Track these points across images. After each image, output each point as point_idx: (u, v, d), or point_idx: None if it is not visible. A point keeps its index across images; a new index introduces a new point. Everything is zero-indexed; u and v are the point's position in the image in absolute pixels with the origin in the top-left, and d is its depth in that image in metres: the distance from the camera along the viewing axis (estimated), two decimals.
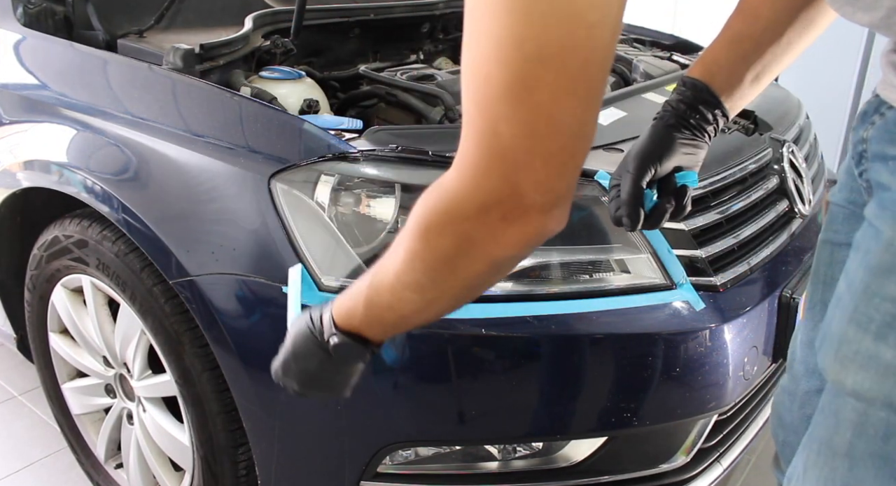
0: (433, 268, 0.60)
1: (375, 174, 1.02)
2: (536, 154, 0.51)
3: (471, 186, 0.54)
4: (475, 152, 0.53)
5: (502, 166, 0.52)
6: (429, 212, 0.58)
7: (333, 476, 1.08)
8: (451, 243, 0.57)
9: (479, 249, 0.57)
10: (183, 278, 1.07)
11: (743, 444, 1.24)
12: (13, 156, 1.34)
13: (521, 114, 0.50)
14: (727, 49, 0.85)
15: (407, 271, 0.62)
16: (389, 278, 0.65)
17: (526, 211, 0.54)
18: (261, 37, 1.47)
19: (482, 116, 0.51)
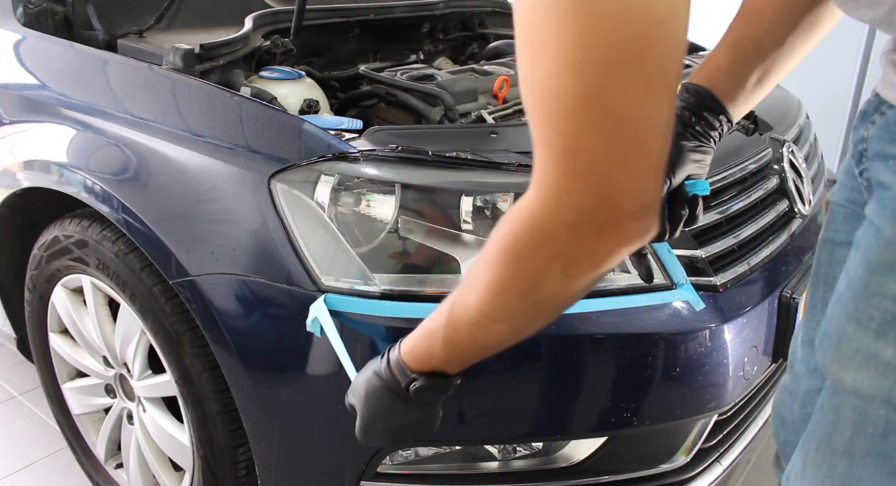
0: (523, 295, 0.59)
1: (375, 174, 1.02)
2: (623, 161, 0.50)
3: (557, 205, 0.52)
4: (557, 171, 0.51)
5: (590, 180, 0.50)
6: (513, 239, 0.56)
7: (333, 476, 1.08)
8: (541, 266, 0.56)
9: (573, 267, 0.55)
10: (183, 278, 1.07)
11: (743, 444, 1.24)
12: (13, 156, 1.34)
13: (602, 122, 0.48)
14: (729, 54, 0.84)
15: (493, 303, 0.61)
16: (470, 313, 0.63)
17: (619, 221, 0.52)
18: (261, 37, 1.47)
19: (560, 133, 0.49)
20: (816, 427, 0.71)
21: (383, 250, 1.01)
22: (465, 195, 1.02)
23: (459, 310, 0.65)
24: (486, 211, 1.03)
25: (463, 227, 1.02)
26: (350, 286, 0.99)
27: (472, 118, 1.36)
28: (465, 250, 1.02)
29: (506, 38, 1.92)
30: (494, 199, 1.03)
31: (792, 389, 1.00)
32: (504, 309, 0.61)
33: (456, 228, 1.02)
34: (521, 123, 1.29)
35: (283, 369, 1.05)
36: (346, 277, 1.00)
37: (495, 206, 1.04)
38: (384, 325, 0.98)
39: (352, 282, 0.99)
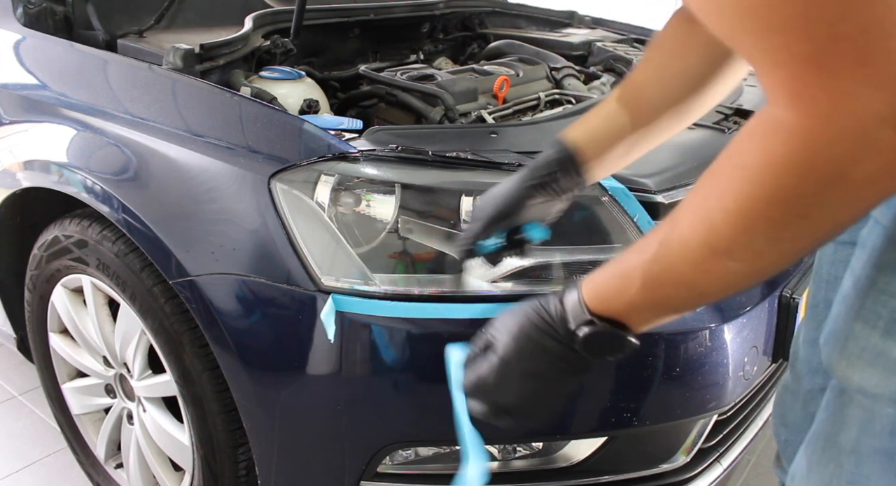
0: (783, 229, 0.49)
1: (375, 174, 1.02)
2: None
3: (840, 116, 0.43)
4: (819, 76, 0.42)
5: (872, 69, 0.41)
6: (782, 164, 0.46)
7: (333, 476, 1.08)
8: (817, 195, 0.46)
9: (862, 190, 0.45)
10: (183, 278, 1.07)
11: (743, 444, 1.24)
12: (13, 156, 1.34)
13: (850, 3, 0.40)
14: (605, 121, 0.83)
15: (737, 239, 0.50)
16: (694, 251, 0.53)
17: None
18: (261, 37, 1.47)
19: (803, 36, 0.41)
20: (822, 426, 0.71)
21: (383, 250, 1.01)
22: (465, 195, 1.02)
23: (676, 245, 0.55)
24: None
25: (463, 227, 1.02)
26: (350, 286, 0.99)
27: (472, 118, 1.36)
28: None
29: (506, 38, 1.92)
30: None
31: (793, 388, 1.00)
32: (748, 246, 0.51)
33: (456, 229, 1.02)
34: (521, 123, 1.29)
35: (283, 369, 1.05)
36: (346, 277, 1.00)
37: None
38: (386, 326, 0.98)
39: (352, 282, 0.99)
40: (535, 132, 1.19)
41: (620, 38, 1.98)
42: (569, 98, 1.53)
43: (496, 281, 1.01)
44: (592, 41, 1.88)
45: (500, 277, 1.01)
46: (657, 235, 0.58)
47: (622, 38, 1.98)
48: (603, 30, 2.13)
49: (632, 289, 0.59)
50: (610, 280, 0.62)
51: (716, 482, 1.17)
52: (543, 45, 1.83)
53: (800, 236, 0.49)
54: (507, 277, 1.01)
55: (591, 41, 1.88)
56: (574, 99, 1.52)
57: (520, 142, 1.13)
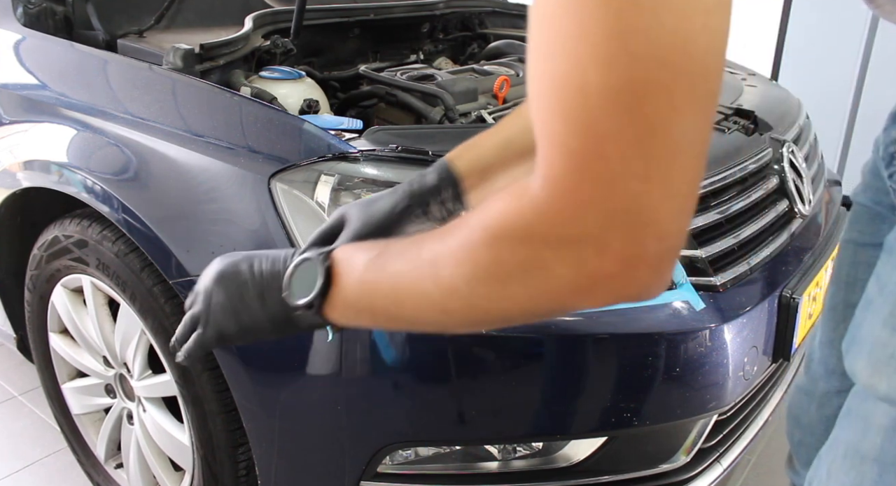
0: (481, 279, 0.49)
1: (375, 174, 1.02)
2: (653, 182, 0.41)
3: (566, 213, 0.44)
4: (572, 177, 0.43)
5: (609, 196, 0.42)
6: (508, 221, 0.47)
7: (333, 476, 1.08)
8: (520, 266, 0.47)
9: (550, 286, 0.46)
10: (183, 278, 1.07)
11: (743, 444, 1.24)
12: (13, 156, 1.34)
13: (633, 129, 0.41)
14: (497, 151, 0.81)
15: (448, 266, 0.51)
16: (419, 252, 0.54)
17: (634, 262, 0.43)
18: (261, 37, 1.47)
19: (579, 136, 0.42)
20: (844, 433, 0.70)
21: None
22: None
23: (413, 241, 0.56)
24: None
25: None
26: None
27: (472, 118, 1.36)
28: None
29: (506, 38, 1.92)
30: None
31: (809, 390, 0.99)
32: (451, 275, 0.51)
33: None
34: None
35: (283, 369, 1.05)
36: None
37: None
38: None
39: None
40: None
41: None
42: None
43: None
44: None
45: None
46: (423, 235, 0.57)
47: None
48: None
49: (364, 257, 0.59)
50: (367, 243, 0.63)
51: (716, 482, 1.17)
52: None
53: (491, 299, 0.50)
54: None
55: None
56: None
57: None
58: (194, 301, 0.69)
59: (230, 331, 0.67)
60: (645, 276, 0.44)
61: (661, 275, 0.44)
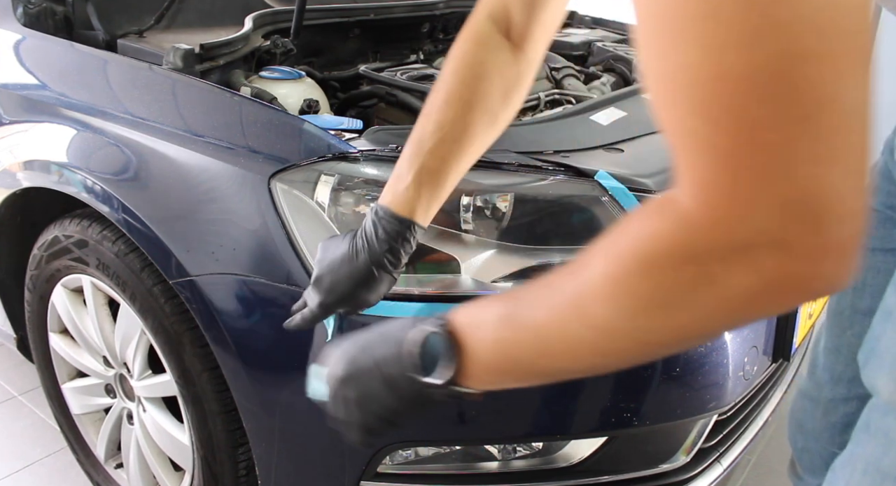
0: (641, 310, 0.45)
1: (375, 174, 1.02)
2: (826, 161, 0.37)
3: (731, 219, 0.39)
4: (726, 177, 0.39)
5: (784, 188, 0.37)
6: (662, 243, 0.43)
7: (333, 476, 1.08)
8: (685, 287, 0.43)
9: (724, 302, 0.42)
10: (183, 278, 1.07)
11: (743, 444, 1.24)
12: (13, 156, 1.34)
13: (793, 108, 0.36)
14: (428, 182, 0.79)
15: (599, 306, 0.47)
16: (558, 296, 0.50)
17: (817, 254, 0.39)
18: (261, 37, 1.47)
19: (727, 130, 0.38)
20: (863, 448, 0.68)
21: None
22: (465, 195, 1.02)
23: (546, 288, 0.51)
24: (486, 211, 1.03)
25: (463, 227, 1.02)
26: None
27: None
28: (465, 249, 1.02)
29: None
30: (494, 199, 1.03)
31: (814, 396, 0.98)
32: (604, 314, 0.47)
33: (456, 228, 1.02)
34: (521, 123, 1.29)
35: (283, 369, 1.05)
36: None
37: (495, 206, 1.04)
38: None
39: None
40: (535, 132, 1.19)
41: (620, 38, 1.98)
42: (569, 98, 1.53)
43: (496, 281, 1.01)
44: (592, 41, 1.88)
45: (501, 277, 1.01)
46: (547, 277, 0.53)
47: (622, 38, 1.98)
48: (603, 30, 2.12)
49: (492, 315, 0.55)
50: (483, 301, 0.57)
51: (716, 482, 1.17)
52: None
53: (658, 330, 0.46)
54: (507, 277, 1.01)
55: (591, 41, 1.88)
56: (574, 99, 1.52)
57: (520, 142, 1.13)
58: (333, 406, 0.66)
59: (374, 424, 0.64)
60: (832, 267, 0.39)
61: (849, 263, 0.40)
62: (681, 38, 0.38)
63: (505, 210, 1.03)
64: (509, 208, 1.03)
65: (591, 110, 1.31)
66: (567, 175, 1.06)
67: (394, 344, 0.61)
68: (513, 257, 1.01)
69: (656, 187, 1.08)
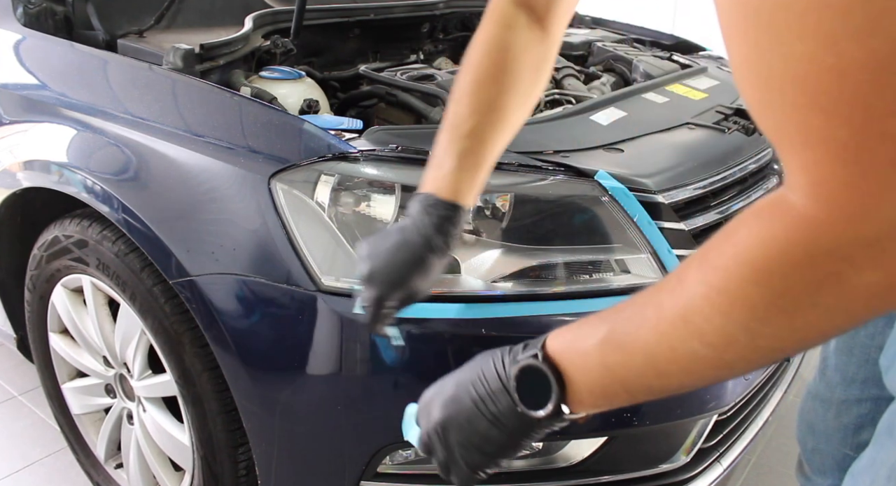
0: (762, 320, 0.44)
1: (375, 174, 1.02)
2: None
3: (855, 216, 0.39)
4: (848, 171, 0.38)
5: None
6: (777, 248, 0.42)
7: (333, 476, 1.08)
8: (807, 290, 0.42)
9: (852, 298, 0.41)
10: (183, 278, 1.07)
11: (743, 444, 1.24)
12: (13, 156, 1.34)
13: None
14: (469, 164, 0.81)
15: (711, 318, 0.46)
16: (665, 318, 0.49)
17: None
18: (261, 37, 1.47)
19: (847, 123, 0.37)
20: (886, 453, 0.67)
21: None
22: None
23: (651, 309, 0.50)
24: (486, 211, 1.03)
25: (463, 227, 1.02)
26: (350, 286, 0.99)
27: None
28: (465, 249, 1.02)
29: None
30: (494, 199, 1.03)
31: (825, 397, 0.98)
32: (721, 329, 0.46)
33: None
34: None
35: (283, 369, 1.05)
36: (346, 277, 1.00)
37: (495, 206, 1.04)
38: None
39: (352, 282, 0.99)
40: (535, 132, 1.19)
41: (620, 38, 1.98)
42: (569, 98, 1.53)
43: (496, 281, 1.01)
44: (592, 41, 1.88)
45: (501, 277, 1.01)
46: (642, 295, 0.53)
47: (622, 38, 1.98)
48: (603, 30, 2.13)
49: (591, 339, 0.54)
50: (574, 326, 0.57)
51: (716, 482, 1.17)
52: None
53: (779, 336, 0.45)
54: (507, 277, 1.01)
55: (591, 41, 1.88)
56: (574, 99, 1.52)
57: (520, 142, 1.13)
58: (432, 449, 0.65)
59: (480, 462, 0.62)
60: None
61: None
62: (789, 30, 0.37)
63: (505, 210, 1.04)
64: (509, 208, 1.03)
65: (591, 110, 1.31)
66: (567, 175, 1.06)
67: (492, 381, 0.60)
68: (513, 257, 1.01)
69: (656, 187, 1.08)
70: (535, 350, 0.57)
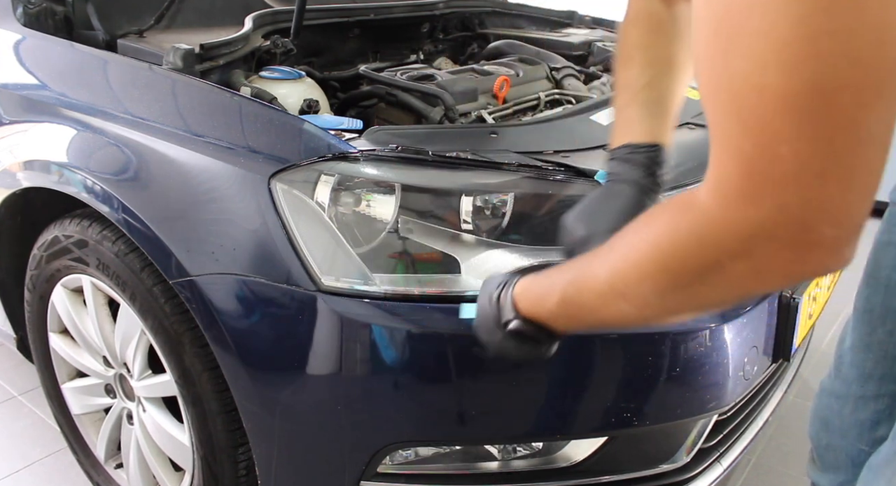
0: (667, 290, 0.54)
1: (375, 174, 1.02)
2: (831, 177, 0.41)
3: (736, 216, 0.46)
4: (741, 177, 0.44)
5: (782, 195, 0.43)
6: (673, 235, 0.51)
7: (333, 476, 1.08)
8: (696, 271, 0.51)
9: (732, 282, 0.50)
10: (183, 278, 1.07)
11: (743, 444, 1.24)
12: (13, 156, 1.34)
13: (812, 130, 0.40)
14: (656, 111, 0.85)
15: (630, 286, 0.57)
16: (600, 284, 0.60)
17: (808, 247, 0.44)
18: (261, 37, 1.47)
19: (752, 137, 0.42)
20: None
21: (383, 250, 1.01)
22: (465, 195, 1.02)
23: (589, 276, 0.62)
24: (486, 211, 1.03)
25: (463, 227, 1.02)
26: (350, 286, 0.99)
27: (472, 118, 1.36)
28: (466, 249, 1.02)
29: (506, 38, 1.92)
30: (494, 199, 1.04)
31: (840, 393, 0.99)
32: (638, 295, 0.56)
33: (456, 228, 1.02)
34: (521, 123, 1.29)
35: (283, 369, 1.05)
36: (346, 277, 1.00)
37: (495, 206, 1.04)
38: (385, 325, 0.98)
39: (352, 282, 0.99)
40: (535, 132, 1.19)
41: None
42: (569, 98, 1.53)
43: None
44: (592, 41, 1.88)
45: None
46: (582, 259, 0.65)
47: None
48: (603, 30, 2.13)
49: (550, 302, 0.68)
50: (535, 289, 0.71)
51: (716, 482, 1.17)
52: (543, 45, 1.83)
53: (683, 302, 0.55)
54: None
55: (591, 41, 1.88)
56: (574, 99, 1.52)
57: (520, 142, 1.13)
58: None
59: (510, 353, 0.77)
60: (821, 257, 0.45)
61: (841, 254, 0.45)
62: (734, 48, 0.41)
63: (505, 210, 1.04)
64: (509, 208, 1.03)
65: (591, 110, 1.31)
66: (567, 175, 1.06)
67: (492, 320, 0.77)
68: (513, 257, 1.01)
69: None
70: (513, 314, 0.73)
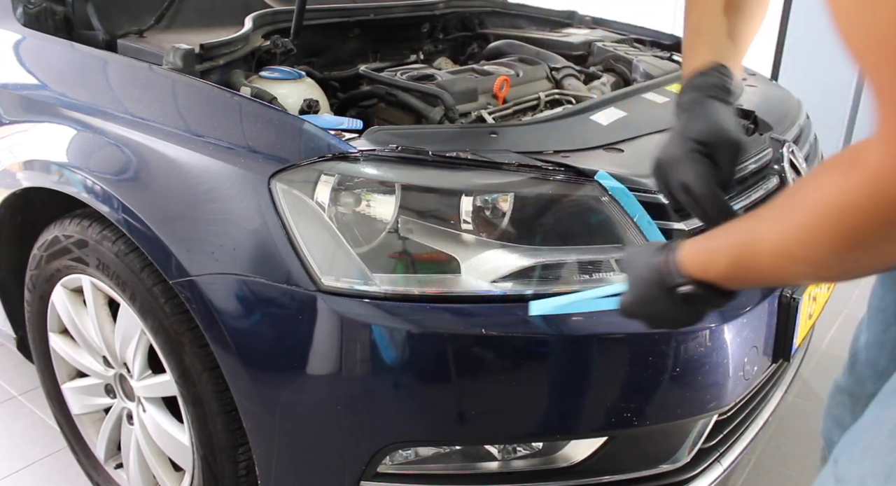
0: (842, 251, 0.54)
1: (375, 174, 1.02)
2: None
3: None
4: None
5: None
6: (848, 196, 0.50)
7: (333, 476, 1.08)
8: (877, 230, 0.50)
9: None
10: (183, 278, 1.07)
11: (743, 444, 1.24)
12: (13, 156, 1.34)
13: None
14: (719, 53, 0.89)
15: (804, 250, 0.56)
16: (770, 248, 0.60)
17: None
18: (261, 37, 1.47)
19: None
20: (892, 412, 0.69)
21: (383, 250, 1.01)
22: (465, 195, 1.02)
23: (758, 238, 0.62)
24: (486, 211, 1.03)
25: (463, 227, 1.02)
26: (350, 286, 0.99)
27: (472, 118, 1.36)
28: (465, 249, 1.02)
29: (506, 38, 1.92)
30: (494, 199, 1.04)
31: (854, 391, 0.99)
32: (814, 258, 0.56)
33: (456, 228, 1.02)
34: (521, 123, 1.29)
35: (283, 369, 1.05)
36: (346, 277, 1.00)
37: (495, 206, 1.04)
38: (385, 325, 0.98)
39: (352, 282, 0.99)
40: (535, 132, 1.19)
41: (620, 38, 1.98)
42: (569, 98, 1.53)
43: (496, 281, 1.01)
44: (592, 41, 1.88)
45: (500, 277, 1.01)
46: (747, 222, 0.65)
47: (622, 38, 1.98)
48: (603, 30, 2.13)
49: (719, 265, 0.67)
50: (703, 253, 0.70)
51: (716, 482, 1.17)
52: (543, 45, 1.83)
53: (860, 260, 0.54)
54: (506, 277, 1.01)
55: (591, 41, 1.88)
56: (574, 99, 1.53)
57: (520, 142, 1.13)
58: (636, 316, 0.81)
59: None
60: None
61: None
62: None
63: (505, 210, 1.04)
64: (509, 208, 1.04)
65: (591, 110, 1.31)
66: (567, 175, 1.06)
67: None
68: (513, 257, 1.01)
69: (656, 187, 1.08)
70: (683, 279, 0.71)
